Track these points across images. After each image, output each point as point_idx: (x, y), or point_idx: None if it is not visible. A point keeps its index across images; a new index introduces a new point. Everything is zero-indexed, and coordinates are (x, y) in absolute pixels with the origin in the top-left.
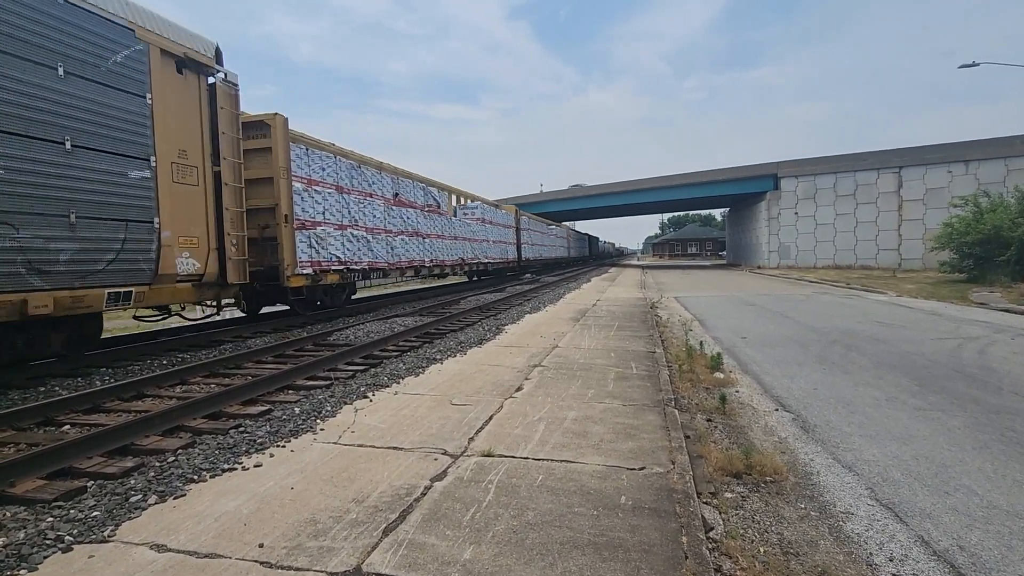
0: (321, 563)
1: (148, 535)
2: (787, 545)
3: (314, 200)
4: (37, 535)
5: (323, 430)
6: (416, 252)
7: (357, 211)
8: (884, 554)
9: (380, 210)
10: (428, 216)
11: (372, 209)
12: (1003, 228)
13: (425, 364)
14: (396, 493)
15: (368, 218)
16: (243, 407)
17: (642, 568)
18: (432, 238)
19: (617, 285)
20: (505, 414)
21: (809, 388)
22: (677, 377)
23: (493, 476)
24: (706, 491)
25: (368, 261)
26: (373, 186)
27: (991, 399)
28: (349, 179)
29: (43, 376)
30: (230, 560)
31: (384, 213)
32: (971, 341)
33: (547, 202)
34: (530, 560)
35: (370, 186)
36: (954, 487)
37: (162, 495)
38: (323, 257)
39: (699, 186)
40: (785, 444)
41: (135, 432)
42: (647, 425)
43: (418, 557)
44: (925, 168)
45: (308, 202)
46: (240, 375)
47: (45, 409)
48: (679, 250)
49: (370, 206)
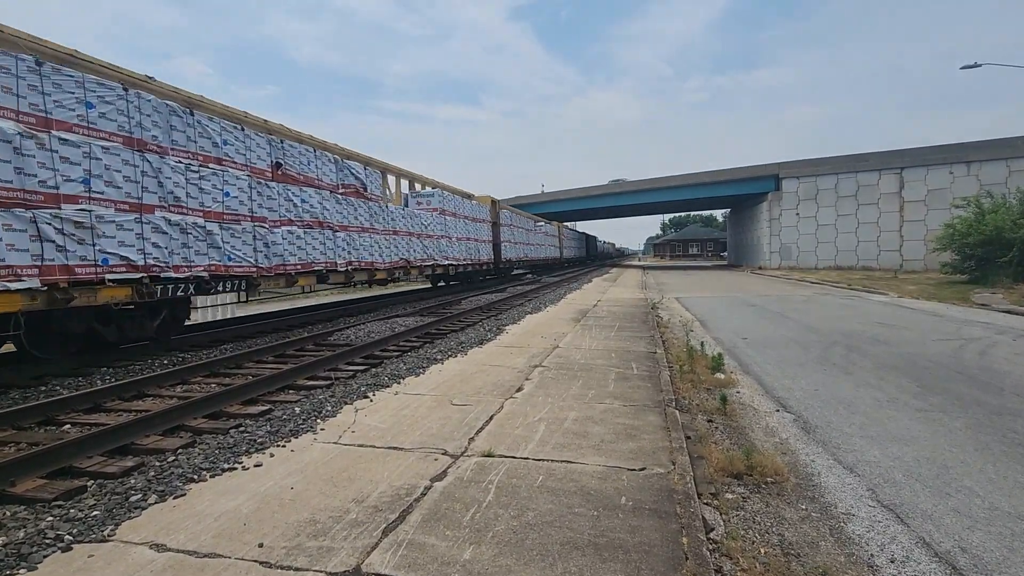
0: (321, 563)
1: (148, 535)
2: (788, 546)
3: (50, 154)
4: (37, 534)
5: (323, 430)
6: (320, 251)
7: (181, 184)
8: (885, 555)
9: (242, 185)
10: (344, 202)
11: (221, 183)
12: (1005, 229)
13: (426, 364)
14: (396, 493)
15: (212, 197)
16: (243, 407)
17: (642, 569)
18: (353, 232)
19: (618, 285)
20: (505, 414)
21: (810, 389)
22: (678, 378)
23: (493, 476)
24: (707, 492)
25: (208, 264)
26: (226, 148)
27: (992, 400)
28: (161, 130)
29: (44, 375)
30: (229, 560)
31: (251, 192)
32: (972, 342)
33: (549, 202)
34: (530, 560)
35: (217, 147)
36: (956, 488)
37: (162, 495)
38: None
39: (701, 187)
40: (786, 445)
41: (135, 432)
42: (648, 426)
43: (418, 557)
44: (927, 169)
45: (38, 158)
46: (240, 375)
47: (46, 408)
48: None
49: (216, 179)
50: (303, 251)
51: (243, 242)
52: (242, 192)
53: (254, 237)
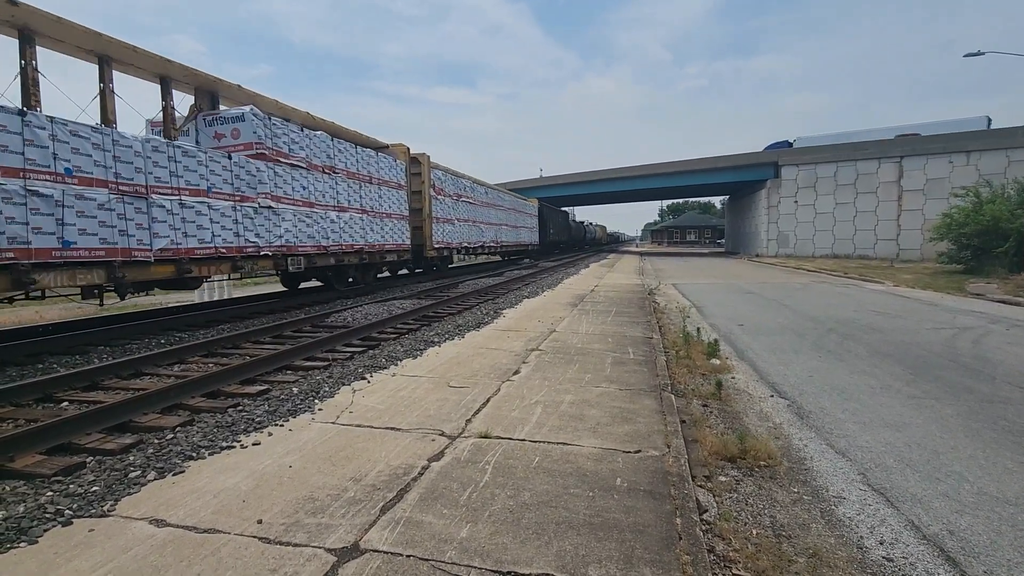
0: (319, 539)
1: (147, 510)
2: (779, 528)
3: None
4: (37, 509)
5: (321, 410)
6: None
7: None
8: (875, 537)
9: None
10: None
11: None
12: (1002, 219)
13: (423, 347)
14: (394, 473)
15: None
16: (241, 387)
17: (636, 548)
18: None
19: (615, 271)
20: (502, 397)
21: (805, 375)
22: (674, 363)
23: (490, 457)
24: (701, 474)
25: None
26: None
27: (984, 388)
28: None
29: (41, 353)
30: (229, 535)
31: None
32: (966, 331)
33: (546, 187)
34: (526, 539)
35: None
36: (945, 473)
37: (161, 471)
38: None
39: (699, 173)
40: (780, 430)
41: (133, 409)
42: (643, 409)
43: (415, 535)
44: (926, 158)
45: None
46: (238, 355)
47: (44, 386)
48: (678, 237)
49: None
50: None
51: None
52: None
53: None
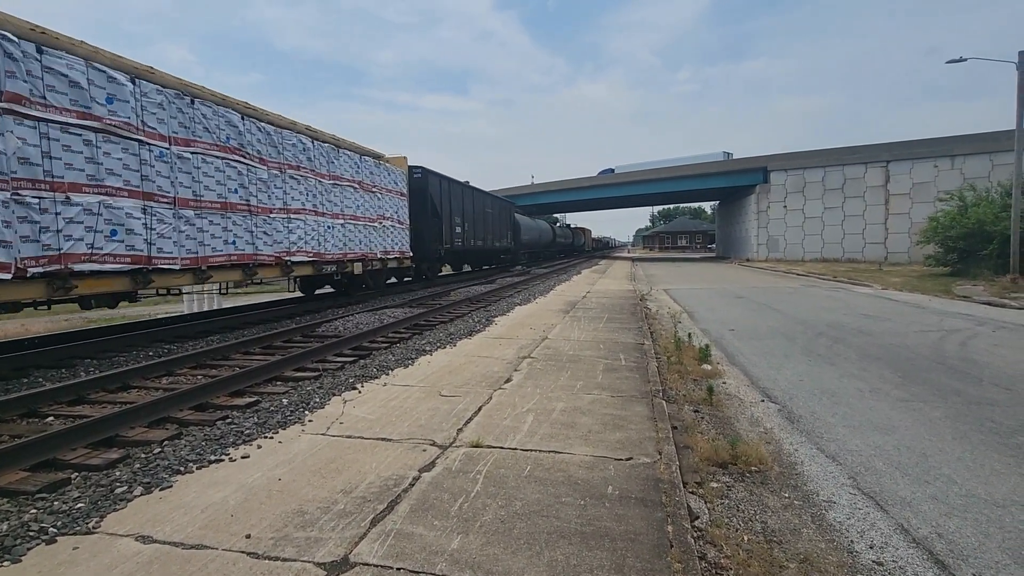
0: (308, 554)
1: (133, 527)
2: (771, 533)
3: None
4: (20, 527)
5: (311, 421)
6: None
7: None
8: (865, 541)
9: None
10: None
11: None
12: (987, 222)
13: (414, 355)
14: (384, 484)
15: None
16: (230, 398)
17: (628, 556)
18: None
19: (607, 277)
20: (494, 405)
21: (795, 379)
22: (665, 369)
23: (481, 467)
24: (692, 481)
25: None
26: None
27: (972, 390)
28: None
29: (27, 367)
30: (216, 551)
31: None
32: (953, 333)
33: (538, 194)
34: (517, 549)
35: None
36: (934, 476)
37: (148, 487)
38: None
39: (690, 179)
40: (770, 434)
41: (120, 423)
42: (635, 416)
43: (406, 547)
44: (912, 163)
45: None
46: (227, 366)
47: (28, 400)
48: (669, 243)
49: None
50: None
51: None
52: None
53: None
